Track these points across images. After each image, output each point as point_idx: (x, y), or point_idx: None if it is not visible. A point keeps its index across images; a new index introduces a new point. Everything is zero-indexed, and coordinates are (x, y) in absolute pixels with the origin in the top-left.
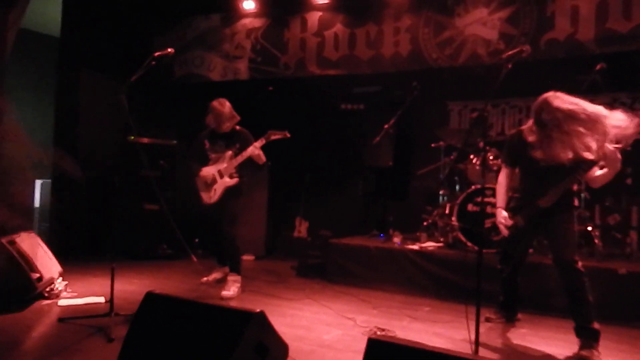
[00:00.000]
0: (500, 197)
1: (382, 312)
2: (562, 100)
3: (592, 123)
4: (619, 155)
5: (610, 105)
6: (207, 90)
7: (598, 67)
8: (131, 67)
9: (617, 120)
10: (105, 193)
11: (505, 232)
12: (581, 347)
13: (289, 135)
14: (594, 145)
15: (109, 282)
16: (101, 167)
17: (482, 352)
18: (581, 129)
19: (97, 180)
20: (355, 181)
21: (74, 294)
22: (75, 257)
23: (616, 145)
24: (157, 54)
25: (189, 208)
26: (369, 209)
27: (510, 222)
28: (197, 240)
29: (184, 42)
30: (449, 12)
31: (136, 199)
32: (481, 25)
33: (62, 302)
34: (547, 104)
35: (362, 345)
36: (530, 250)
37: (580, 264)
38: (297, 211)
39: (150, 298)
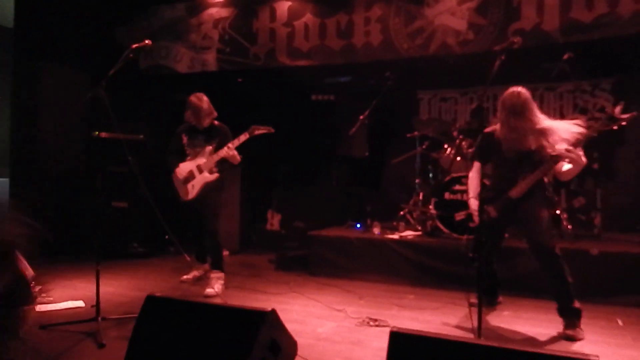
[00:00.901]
0: (473, 187)
1: (369, 302)
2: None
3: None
4: (579, 154)
5: (573, 93)
6: (174, 83)
7: (566, 56)
8: (93, 59)
9: (564, 132)
10: (69, 191)
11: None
12: (566, 327)
13: (273, 130)
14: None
15: (83, 285)
16: (64, 163)
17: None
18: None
19: (60, 178)
20: (327, 172)
21: (49, 298)
22: (41, 259)
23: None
24: (134, 46)
25: (160, 204)
26: (343, 200)
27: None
28: (167, 237)
29: (148, 32)
30: (418, 2)
31: (103, 197)
32: (450, 15)
33: (40, 308)
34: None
35: (357, 336)
36: (506, 235)
37: (557, 248)
38: (268, 204)
39: (152, 301)
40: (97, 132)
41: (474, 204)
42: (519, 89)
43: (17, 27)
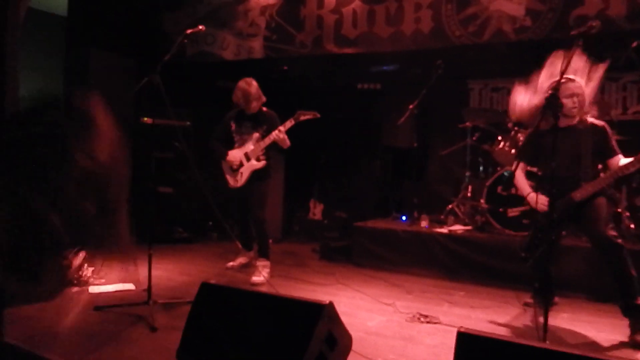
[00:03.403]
0: (524, 185)
1: (418, 297)
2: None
3: None
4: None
5: (638, 83)
6: (218, 70)
7: (634, 44)
8: (141, 45)
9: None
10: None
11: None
12: (633, 331)
13: (318, 115)
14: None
15: (130, 268)
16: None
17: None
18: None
19: None
20: (370, 162)
21: (101, 280)
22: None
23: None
24: (189, 31)
25: (205, 190)
26: (386, 191)
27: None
28: (211, 223)
29: (195, 19)
30: None
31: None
32: (507, 1)
33: (93, 289)
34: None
35: (409, 332)
36: (563, 233)
37: (620, 239)
38: (311, 193)
39: (206, 288)
40: (145, 118)
41: (534, 199)
42: None
43: (70, 14)
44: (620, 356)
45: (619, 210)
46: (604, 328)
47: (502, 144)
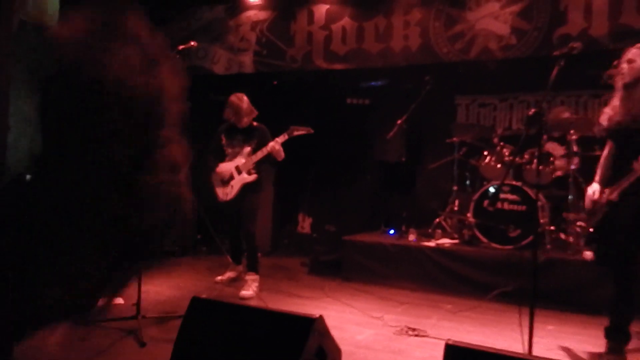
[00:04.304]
0: (598, 170)
1: (407, 310)
2: None
3: None
4: None
5: None
6: (210, 83)
7: (616, 62)
8: None
9: None
10: None
11: (589, 205)
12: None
13: (312, 131)
14: None
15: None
16: None
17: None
18: None
19: None
20: (360, 176)
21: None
22: None
23: None
24: (181, 47)
25: (198, 204)
26: (376, 204)
27: (596, 196)
28: (200, 237)
29: (187, 33)
30: (460, 6)
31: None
32: (493, 20)
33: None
34: None
35: (398, 345)
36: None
37: None
38: (300, 206)
39: (197, 303)
40: None
41: (591, 188)
42: None
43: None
44: None
45: None
46: (589, 340)
47: (488, 158)
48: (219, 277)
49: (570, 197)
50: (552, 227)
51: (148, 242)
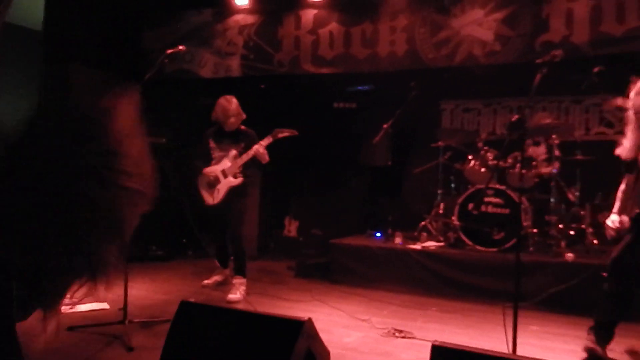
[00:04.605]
0: (616, 202)
1: (393, 312)
2: None
3: None
4: None
5: (599, 106)
6: (197, 87)
7: (596, 69)
8: (120, 61)
9: None
10: None
11: (612, 234)
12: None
13: (296, 133)
14: None
15: (105, 286)
16: None
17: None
18: None
19: None
20: (346, 180)
21: (74, 299)
22: None
23: None
24: (169, 51)
25: (181, 208)
26: (362, 208)
27: (616, 226)
28: (185, 240)
29: (175, 37)
30: (445, 13)
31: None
32: (477, 26)
33: (65, 309)
34: None
35: (385, 347)
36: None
37: None
38: (286, 210)
39: (185, 307)
40: None
41: (610, 218)
42: None
43: (47, 30)
44: None
45: (583, 226)
46: (571, 340)
47: (472, 162)
48: (206, 281)
49: (552, 200)
50: (534, 230)
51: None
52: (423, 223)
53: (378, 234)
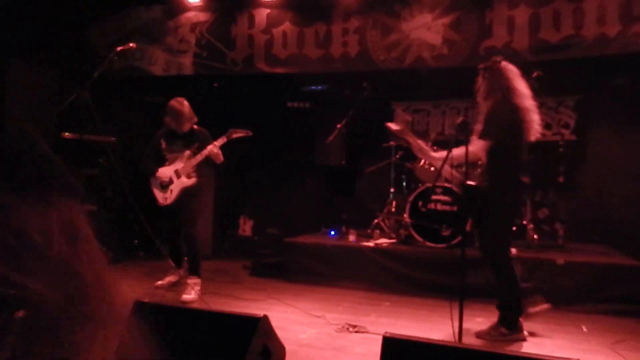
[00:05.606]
0: None
1: (347, 308)
2: None
3: None
4: None
5: (538, 109)
6: (148, 85)
7: (535, 74)
8: (64, 57)
9: None
10: None
11: None
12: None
13: (250, 133)
14: None
15: None
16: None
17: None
18: None
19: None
20: (301, 179)
21: None
22: None
23: None
24: (119, 48)
25: (132, 208)
26: (317, 207)
27: None
28: (136, 241)
29: (122, 33)
30: (395, 16)
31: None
32: (426, 30)
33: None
34: None
35: (339, 342)
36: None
37: None
38: (241, 210)
39: (140, 307)
40: (66, 133)
41: None
42: None
43: None
44: (527, 352)
45: (524, 222)
46: None
47: (422, 162)
48: (159, 282)
49: None
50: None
51: None
52: (376, 221)
53: (332, 232)
